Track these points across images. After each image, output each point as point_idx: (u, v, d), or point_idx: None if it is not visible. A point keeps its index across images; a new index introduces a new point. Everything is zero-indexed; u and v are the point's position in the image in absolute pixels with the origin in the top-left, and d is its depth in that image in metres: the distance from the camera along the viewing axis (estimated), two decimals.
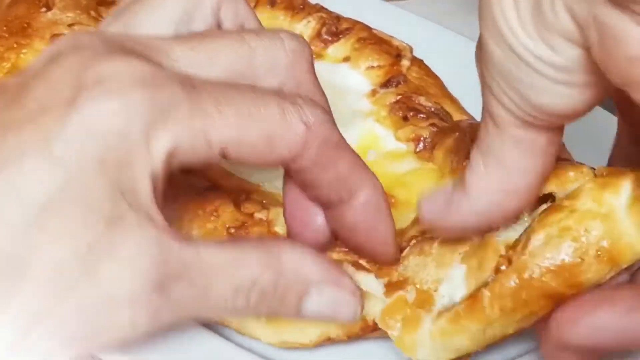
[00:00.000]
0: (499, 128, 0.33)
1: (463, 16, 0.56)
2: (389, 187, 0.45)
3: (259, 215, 0.41)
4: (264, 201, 0.42)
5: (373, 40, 0.53)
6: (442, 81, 0.54)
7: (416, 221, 0.41)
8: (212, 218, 0.41)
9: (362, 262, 0.38)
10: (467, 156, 0.40)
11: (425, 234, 0.39)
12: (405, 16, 0.47)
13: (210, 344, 0.40)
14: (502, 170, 0.33)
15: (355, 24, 0.54)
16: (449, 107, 0.51)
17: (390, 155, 0.47)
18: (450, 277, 0.37)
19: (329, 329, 0.38)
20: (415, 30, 0.47)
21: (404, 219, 0.42)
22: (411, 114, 0.49)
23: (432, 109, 0.50)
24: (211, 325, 0.41)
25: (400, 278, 0.37)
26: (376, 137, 0.49)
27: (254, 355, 0.40)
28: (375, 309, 0.37)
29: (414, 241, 0.39)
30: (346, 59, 0.53)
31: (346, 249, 0.39)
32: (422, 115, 0.49)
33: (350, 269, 0.38)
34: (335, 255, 0.39)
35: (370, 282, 0.38)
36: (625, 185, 0.33)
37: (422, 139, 0.48)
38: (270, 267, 0.34)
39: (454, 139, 0.47)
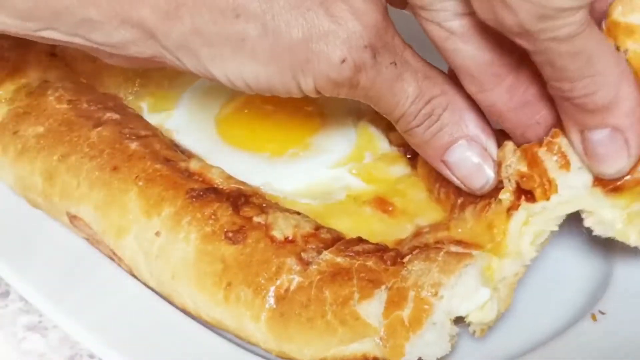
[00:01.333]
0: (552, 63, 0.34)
1: None
2: (387, 193, 0.45)
3: (257, 219, 0.41)
4: (263, 205, 0.42)
5: None
6: None
7: (416, 234, 0.42)
8: (210, 221, 0.40)
9: (369, 262, 0.38)
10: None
11: (428, 246, 0.40)
12: (404, 15, 0.47)
13: (210, 343, 0.40)
14: (593, 74, 0.34)
15: None
16: None
17: (385, 158, 0.47)
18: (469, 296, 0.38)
19: (326, 354, 0.39)
20: (414, 30, 0.46)
21: (401, 229, 0.43)
22: None
23: None
24: (210, 327, 0.41)
25: (402, 284, 0.37)
26: (371, 136, 0.48)
27: (254, 355, 0.40)
28: (372, 346, 0.38)
29: (417, 250, 0.39)
30: None
31: (352, 254, 0.39)
32: None
33: (356, 295, 0.38)
34: (340, 260, 0.39)
35: (371, 309, 0.38)
36: None
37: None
38: (446, 96, 0.38)
39: None
